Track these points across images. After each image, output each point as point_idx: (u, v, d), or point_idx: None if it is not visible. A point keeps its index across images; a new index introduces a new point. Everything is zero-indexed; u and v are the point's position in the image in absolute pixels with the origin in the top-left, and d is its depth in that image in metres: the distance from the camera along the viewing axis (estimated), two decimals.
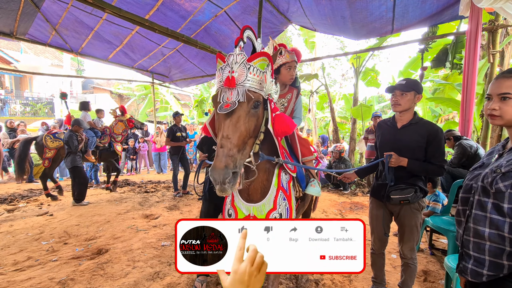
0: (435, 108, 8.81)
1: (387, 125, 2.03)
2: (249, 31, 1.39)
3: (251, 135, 1.26)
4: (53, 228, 3.72)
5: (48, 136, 5.12)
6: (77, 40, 5.53)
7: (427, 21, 3.85)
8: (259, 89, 1.27)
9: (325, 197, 5.81)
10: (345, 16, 4.05)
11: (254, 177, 1.42)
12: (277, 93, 1.42)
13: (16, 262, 2.75)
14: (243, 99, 1.20)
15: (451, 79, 6.34)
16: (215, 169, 1.09)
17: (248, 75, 1.23)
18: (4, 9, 4.05)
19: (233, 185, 1.13)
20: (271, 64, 1.33)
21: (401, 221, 1.94)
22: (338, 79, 18.72)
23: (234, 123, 1.20)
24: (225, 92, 1.24)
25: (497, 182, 0.94)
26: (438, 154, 1.79)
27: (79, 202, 4.91)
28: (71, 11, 4.49)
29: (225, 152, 1.13)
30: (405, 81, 1.84)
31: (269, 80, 1.33)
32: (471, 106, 3.23)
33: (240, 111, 1.22)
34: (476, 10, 2.98)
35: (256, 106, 1.26)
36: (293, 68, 2.01)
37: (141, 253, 2.94)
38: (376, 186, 2.04)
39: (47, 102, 14.96)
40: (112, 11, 2.97)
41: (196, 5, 4.24)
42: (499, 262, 0.95)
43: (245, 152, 1.23)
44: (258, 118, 1.30)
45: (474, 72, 3.13)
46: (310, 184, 1.83)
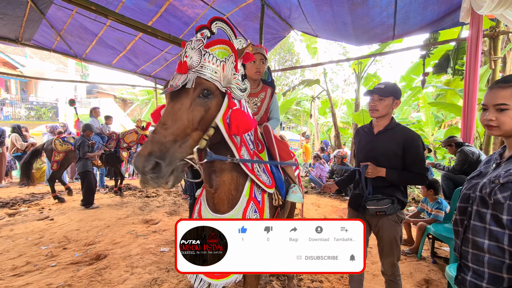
0: (437, 114, 8.77)
1: (364, 132, 1.94)
2: (222, 23, 1.27)
3: (196, 127, 1.11)
4: (53, 232, 3.71)
5: (58, 140, 5.34)
6: (81, 46, 5.61)
7: (428, 27, 3.86)
8: (213, 78, 1.13)
9: (326, 203, 5.76)
10: (346, 22, 4.07)
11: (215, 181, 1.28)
12: (244, 91, 1.27)
13: (14, 267, 2.74)
14: (190, 85, 1.08)
15: (453, 84, 6.33)
16: (138, 155, 0.97)
17: (202, 61, 1.12)
18: (10, 16, 4.13)
19: (157, 178, 0.98)
20: (234, 56, 1.19)
21: (379, 234, 1.82)
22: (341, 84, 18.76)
23: (176, 110, 1.08)
24: (176, 77, 1.13)
25: (496, 193, 0.92)
26: (418, 162, 1.69)
27: (87, 207, 4.98)
28: (75, 17, 4.56)
29: (155, 139, 1.00)
30: (384, 85, 1.75)
31: (229, 71, 1.18)
32: (473, 112, 3.21)
33: (185, 98, 1.10)
34: (476, 17, 2.98)
35: (206, 96, 1.12)
36: (258, 61, 1.86)
37: (140, 259, 2.92)
38: (353, 196, 1.95)
39: (51, 107, 15.12)
40: (115, 18, 3.01)
41: (198, 12, 4.30)
42: (499, 275, 0.92)
43: (185, 145, 1.07)
44: (208, 109, 1.14)
45: (476, 78, 3.12)
46: (291, 191, 1.70)
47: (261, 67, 1.89)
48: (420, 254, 3.10)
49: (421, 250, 3.12)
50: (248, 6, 4.20)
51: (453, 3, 3.28)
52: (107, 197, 6.05)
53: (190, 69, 1.12)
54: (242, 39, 1.34)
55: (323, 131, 14.60)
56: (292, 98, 11.91)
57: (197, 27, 1.23)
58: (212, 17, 1.25)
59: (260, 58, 1.87)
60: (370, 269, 2.77)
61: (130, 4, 4.01)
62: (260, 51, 1.89)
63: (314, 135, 12.95)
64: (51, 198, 5.65)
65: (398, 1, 3.38)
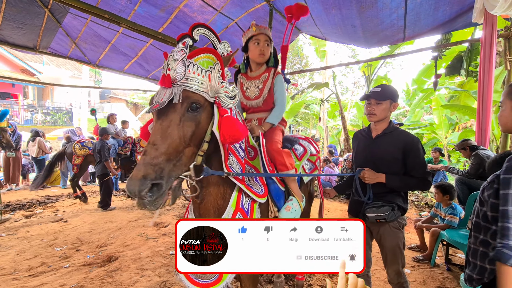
0: (451, 116, 8.54)
1: (362, 135, 1.88)
2: (203, 29, 1.21)
3: (188, 144, 1.06)
4: (67, 234, 3.82)
5: (77, 144, 5.64)
6: (95, 53, 5.79)
7: (439, 28, 3.79)
8: (200, 90, 1.07)
9: (336, 207, 5.69)
10: (355, 25, 4.05)
11: (196, 193, 1.21)
12: (233, 98, 1.19)
13: (30, 267, 2.83)
14: (177, 100, 1.02)
15: (467, 86, 6.17)
16: (131, 179, 0.93)
17: (186, 73, 1.06)
18: (29, 25, 4.34)
19: (156, 200, 0.96)
20: (220, 63, 1.13)
21: (381, 242, 1.75)
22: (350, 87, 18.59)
23: (165, 128, 1.02)
24: (160, 92, 1.07)
25: (484, 192, 1.01)
26: (418, 166, 1.63)
27: (105, 208, 5.14)
28: (89, 25, 4.73)
29: (146, 160, 0.96)
30: (381, 89, 1.70)
31: (216, 80, 1.12)
32: (488, 114, 3.11)
33: (172, 114, 1.04)
34: (490, 17, 2.90)
35: (195, 109, 1.07)
36: (263, 42, 1.71)
37: (150, 262, 2.95)
38: (352, 202, 1.90)
39: (66, 112, 15.62)
40: (127, 25, 3.10)
41: (208, 18, 4.37)
42: (484, 266, 1.01)
43: (179, 164, 1.03)
44: (199, 124, 1.09)
45: (490, 80, 3.03)
46: (284, 207, 1.55)
47: (266, 50, 1.72)
48: (433, 261, 3.01)
49: (434, 256, 3.03)
50: (257, 11, 4.24)
51: (465, 4, 3.21)
52: (119, 199, 6.17)
53: (174, 82, 1.06)
54: (227, 43, 1.28)
55: (333, 134, 14.46)
56: (301, 101, 11.88)
57: (178, 36, 1.17)
58: (193, 24, 1.19)
59: (264, 39, 1.72)
60: (382, 275, 2.71)
61: (142, 11, 4.13)
62: (264, 32, 1.73)
63: (324, 138, 12.84)
64: (65, 200, 5.83)
65: (408, 2, 3.34)
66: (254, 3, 4.03)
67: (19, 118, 13.67)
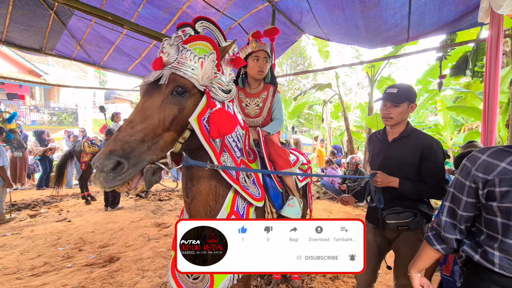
0: (456, 117, 8.43)
1: (377, 138, 1.75)
2: (208, 23, 1.19)
3: (168, 128, 1.02)
4: (70, 234, 3.84)
5: (86, 142, 5.79)
6: (99, 54, 5.85)
7: (444, 28, 3.74)
8: (189, 75, 1.04)
9: (339, 209, 5.64)
10: (358, 26, 4.02)
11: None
12: (228, 92, 1.16)
13: (33, 267, 2.85)
14: (163, 81, 1.00)
15: (473, 87, 6.08)
16: (98, 154, 0.90)
17: (179, 57, 1.04)
18: (35, 27, 4.40)
19: (114, 179, 0.89)
20: (216, 53, 1.09)
21: (399, 251, 1.61)
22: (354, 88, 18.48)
23: (146, 107, 1.00)
24: (151, 74, 1.06)
25: None
26: (434, 172, 1.48)
27: (113, 207, 5.20)
28: (94, 27, 4.77)
29: (119, 137, 0.92)
30: (397, 90, 1.54)
31: (209, 69, 1.08)
32: (494, 116, 3.06)
33: (156, 95, 1.02)
34: (496, 17, 2.85)
35: (180, 93, 1.04)
36: (262, 59, 1.72)
37: (151, 262, 2.96)
38: (370, 209, 1.75)
39: (72, 112, 15.80)
40: (131, 27, 3.12)
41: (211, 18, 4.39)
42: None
43: (155, 147, 0.98)
44: (183, 109, 1.05)
45: (497, 80, 2.97)
46: (287, 204, 1.54)
47: (265, 66, 1.74)
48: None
49: None
50: (259, 12, 4.24)
51: (471, 3, 3.17)
52: (122, 199, 6.20)
53: (166, 65, 1.05)
54: (235, 45, 1.26)
55: (336, 135, 14.39)
56: (304, 102, 11.85)
57: (179, 24, 1.15)
58: (196, 16, 1.17)
59: (263, 56, 1.73)
60: (384, 279, 2.67)
61: (145, 13, 4.16)
62: (263, 48, 1.74)
63: (327, 139, 12.78)
64: (69, 200, 5.87)
65: (413, 2, 3.30)
66: (257, 4, 4.03)
67: (26, 119, 13.87)
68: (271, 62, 1.87)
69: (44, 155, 7.37)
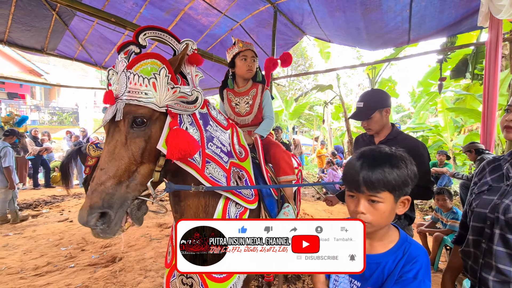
0: (456, 118, 8.47)
1: (364, 141, 1.77)
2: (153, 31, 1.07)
3: (141, 161, 0.98)
4: (72, 234, 3.87)
5: (91, 146, 5.60)
6: (101, 55, 5.86)
7: (444, 31, 3.77)
8: (144, 102, 0.96)
9: (339, 210, 5.67)
10: (359, 28, 4.05)
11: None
12: (194, 102, 1.08)
13: (36, 267, 2.88)
14: (119, 117, 0.94)
15: (472, 89, 6.11)
16: (80, 210, 0.89)
17: (128, 85, 0.96)
18: (37, 28, 4.41)
19: (109, 228, 0.91)
20: (166, 67, 0.99)
21: None
22: (355, 89, 18.52)
23: (111, 149, 0.95)
24: (107, 111, 0.99)
25: None
26: (421, 174, 1.58)
27: None
28: (96, 28, 4.79)
29: (93, 187, 0.90)
30: (363, 103, 1.56)
31: (163, 87, 0.99)
32: (493, 118, 3.09)
33: (118, 133, 0.97)
34: (495, 21, 2.88)
35: (141, 124, 0.97)
36: (250, 58, 1.74)
37: (153, 263, 2.98)
38: None
39: (72, 112, 15.81)
40: (132, 28, 3.14)
41: (212, 20, 4.40)
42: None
43: (133, 184, 0.96)
44: (150, 138, 0.99)
45: (496, 83, 3.00)
46: (282, 212, 1.52)
47: (253, 65, 1.77)
48: (437, 266, 2.99)
49: (437, 261, 3.01)
50: (261, 13, 4.26)
51: (470, 7, 3.19)
52: None
53: (117, 97, 0.97)
54: (190, 41, 1.15)
55: (337, 136, 14.41)
56: (305, 103, 11.86)
57: (119, 46, 1.05)
58: (137, 28, 1.05)
59: (251, 56, 1.76)
60: None
61: (148, 14, 4.17)
62: (250, 47, 1.78)
63: (327, 140, 12.81)
64: (71, 200, 5.89)
65: (413, 5, 3.33)
66: (258, 6, 4.05)
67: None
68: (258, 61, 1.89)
69: (38, 155, 7.33)
